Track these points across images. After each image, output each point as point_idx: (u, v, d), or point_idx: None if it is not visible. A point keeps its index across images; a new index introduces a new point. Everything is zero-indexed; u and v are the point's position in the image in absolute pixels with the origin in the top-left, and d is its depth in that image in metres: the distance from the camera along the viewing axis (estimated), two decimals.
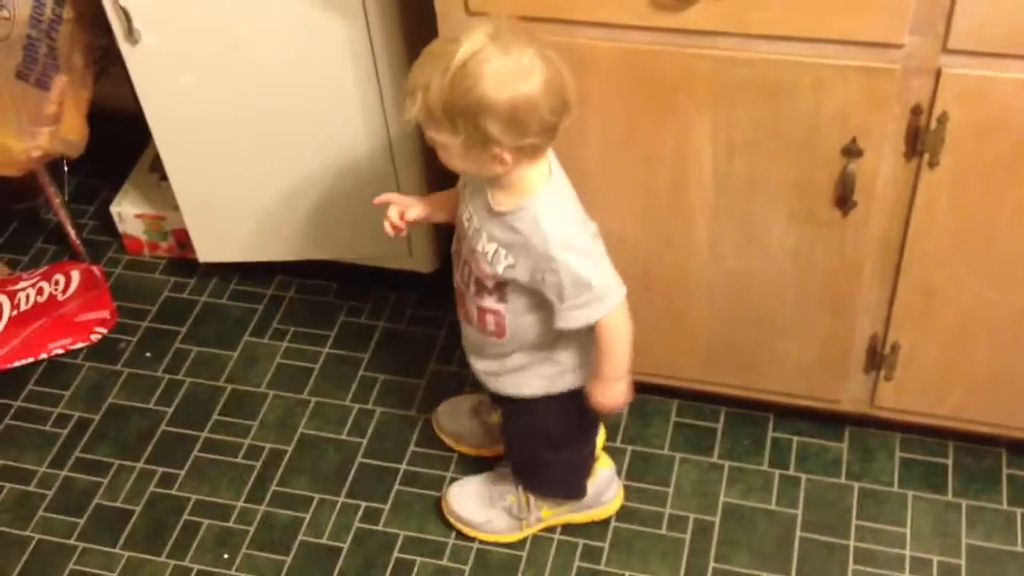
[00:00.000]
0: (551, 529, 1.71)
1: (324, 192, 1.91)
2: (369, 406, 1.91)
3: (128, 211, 2.15)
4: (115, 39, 1.75)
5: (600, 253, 1.38)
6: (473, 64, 1.20)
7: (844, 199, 1.45)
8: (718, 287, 1.63)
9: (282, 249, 2.01)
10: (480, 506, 1.70)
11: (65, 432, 1.91)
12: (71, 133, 1.92)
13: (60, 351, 2.01)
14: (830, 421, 1.79)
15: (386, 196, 1.51)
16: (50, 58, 1.85)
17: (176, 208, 2.03)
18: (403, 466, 1.81)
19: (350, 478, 1.80)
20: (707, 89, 1.41)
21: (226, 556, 1.72)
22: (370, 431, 1.87)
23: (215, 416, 1.91)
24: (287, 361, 1.99)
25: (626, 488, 1.75)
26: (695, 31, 1.36)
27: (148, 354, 2.02)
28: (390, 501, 1.77)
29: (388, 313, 2.06)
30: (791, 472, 1.76)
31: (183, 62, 1.75)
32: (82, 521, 1.78)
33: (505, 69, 1.21)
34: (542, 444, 1.59)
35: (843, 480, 1.74)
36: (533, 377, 1.50)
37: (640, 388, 1.83)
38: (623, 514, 1.72)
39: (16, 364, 1.98)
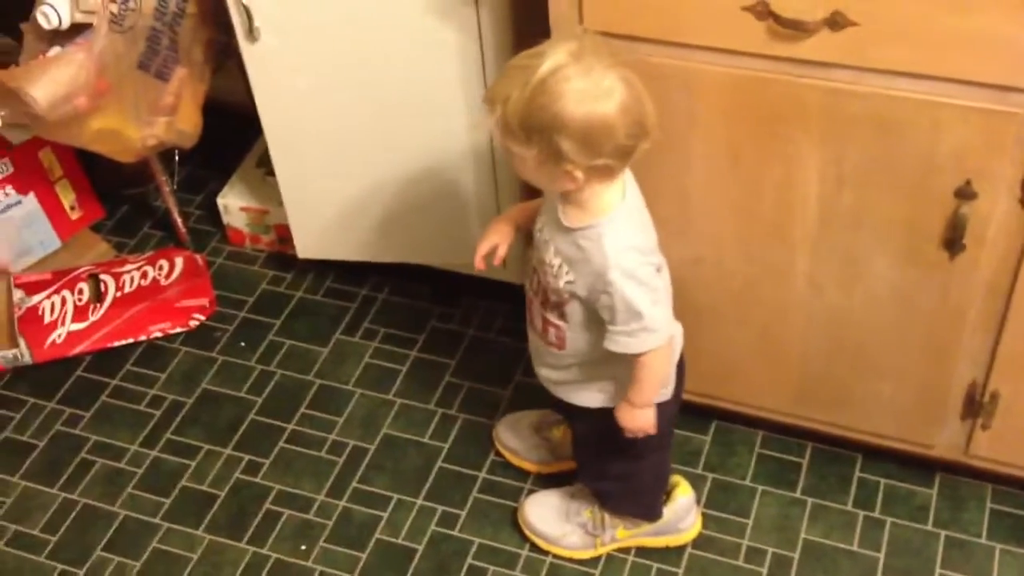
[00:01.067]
0: (625, 550, 1.70)
1: (424, 198, 1.93)
2: (453, 412, 1.92)
3: (233, 203, 2.20)
4: (234, 36, 1.80)
5: (660, 288, 1.38)
6: (553, 81, 1.22)
7: (953, 242, 1.41)
8: (815, 320, 1.60)
9: (379, 251, 2.04)
10: (556, 520, 1.70)
11: (158, 413, 1.96)
12: (186, 124, 1.98)
13: (159, 335, 2.07)
14: (920, 466, 1.75)
15: (485, 245, 1.53)
16: (171, 50, 1.91)
17: (280, 203, 2.07)
18: (482, 474, 1.82)
19: (429, 481, 1.82)
20: (819, 121, 1.39)
21: (304, 547, 1.75)
22: (452, 436, 1.88)
23: (302, 409, 1.95)
24: (375, 361, 2.02)
25: (704, 516, 1.73)
26: (811, 62, 1.35)
27: (243, 344, 2.06)
28: (467, 507, 1.78)
29: (478, 321, 2.07)
30: (876, 514, 1.72)
31: (299, 63, 1.79)
32: (168, 501, 1.83)
33: (585, 89, 1.22)
34: (607, 456, 1.58)
35: (930, 527, 1.70)
36: (592, 390, 1.51)
37: (726, 416, 1.83)
38: (700, 542, 1.71)
39: (116, 344, 2.05)
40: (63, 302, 2.07)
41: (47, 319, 2.04)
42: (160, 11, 1.86)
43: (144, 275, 2.13)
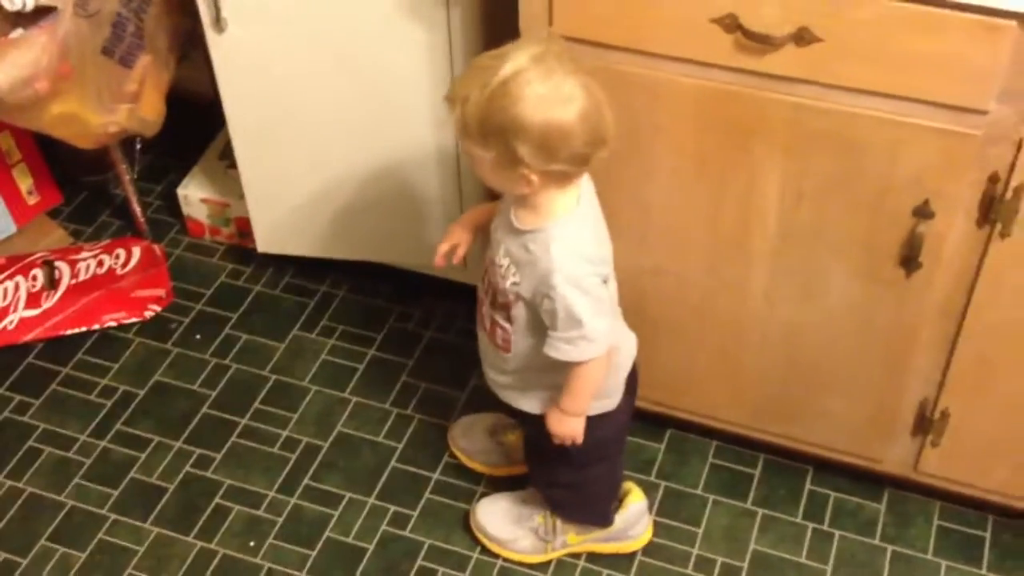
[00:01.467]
0: (576, 556, 1.71)
1: (387, 196, 1.92)
2: (408, 412, 1.92)
3: (194, 194, 2.18)
4: (200, 25, 1.78)
5: (604, 299, 1.37)
6: (513, 84, 1.22)
7: (910, 260, 1.43)
8: (770, 334, 1.62)
9: (340, 248, 2.03)
10: (507, 523, 1.70)
11: (109, 404, 1.93)
12: (148, 112, 1.95)
13: (113, 324, 2.04)
14: (870, 480, 1.77)
15: (446, 244, 1.54)
16: (136, 37, 1.88)
17: (241, 197, 2.06)
18: (435, 475, 1.82)
19: (382, 481, 1.81)
20: (782, 135, 1.41)
21: (252, 544, 1.73)
22: (406, 436, 1.88)
23: (256, 404, 1.93)
24: (332, 358, 2.01)
25: (656, 524, 1.74)
26: (777, 76, 1.36)
27: (198, 336, 2.04)
28: (419, 508, 1.77)
29: (437, 322, 2.07)
30: (825, 527, 1.73)
31: (266, 55, 1.78)
32: (116, 493, 1.80)
33: (544, 94, 1.22)
34: (557, 463, 1.58)
35: (877, 541, 1.72)
36: (535, 396, 1.51)
37: (680, 425, 1.84)
38: (650, 549, 1.71)
39: (69, 332, 2.02)
40: (16, 288, 2.03)
41: None
42: None
43: (100, 263, 2.10)
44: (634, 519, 1.69)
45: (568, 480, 1.61)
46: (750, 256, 1.54)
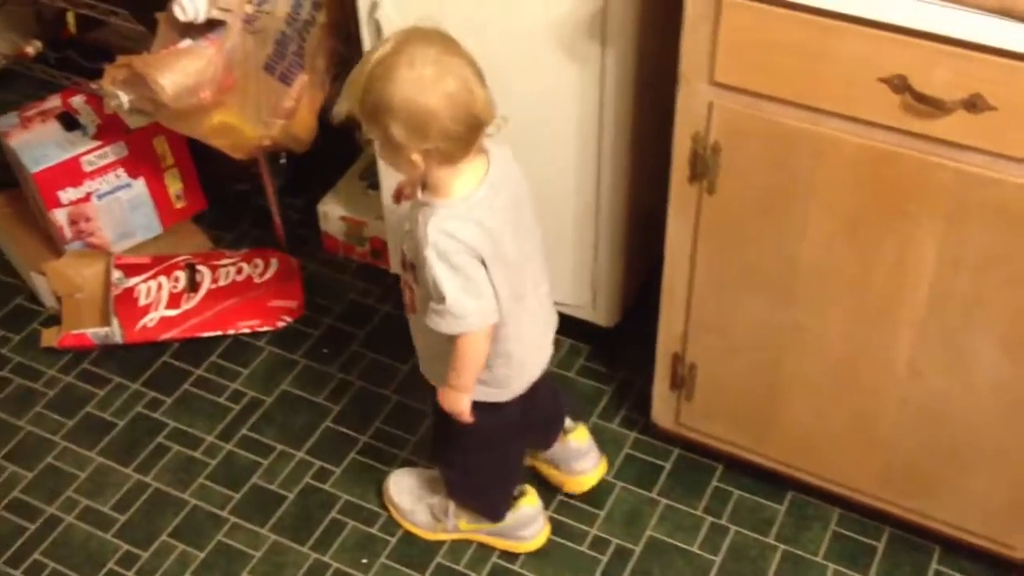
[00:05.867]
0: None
1: None
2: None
3: (333, 211, 2.23)
4: (353, 50, 1.82)
5: (474, 278, 1.39)
6: (380, 69, 1.31)
7: None
8: (910, 403, 1.57)
9: None
10: (410, 495, 1.77)
11: (237, 408, 1.98)
12: (301, 129, 2.01)
13: (247, 331, 2.09)
14: (1001, 567, 1.69)
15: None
16: (297, 56, 1.94)
17: (378, 217, 2.09)
18: (550, 513, 1.81)
19: None
20: (944, 202, 1.37)
21: (364, 561, 1.75)
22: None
23: (377, 423, 1.95)
24: None
25: None
26: (944, 141, 1.33)
27: (325, 350, 2.08)
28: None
29: (559, 358, 2.06)
30: None
31: None
32: (237, 496, 1.84)
33: (409, 77, 1.30)
34: (446, 441, 1.64)
35: None
36: (434, 368, 1.55)
37: (803, 488, 1.79)
38: None
39: (205, 334, 2.08)
40: (159, 287, 2.11)
41: (142, 302, 2.08)
42: (292, 17, 1.90)
43: (239, 271, 2.16)
44: (525, 520, 1.73)
45: (456, 461, 1.67)
46: (897, 322, 1.50)
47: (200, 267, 2.15)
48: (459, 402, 1.51)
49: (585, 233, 1.89)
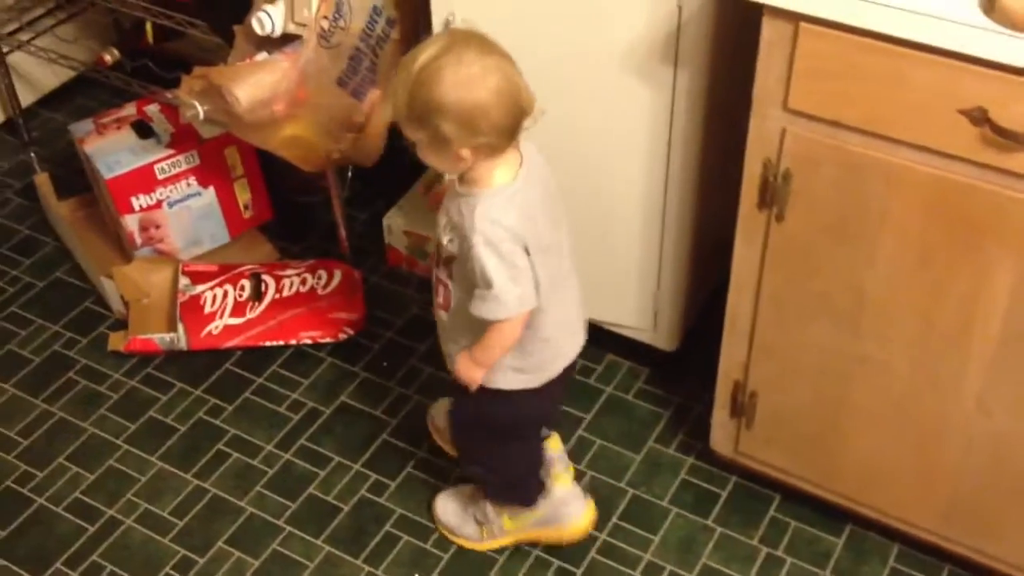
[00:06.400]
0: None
1: (588, 250, 1.91)
2: (581, 466, 1.91)
3: (397, 225, 2.25)
4: None
5: (519, 266, 1.44)
6: (427, 71, 1.35)
7: None
8: (977, 440, 1.54)
9: None
10: (456, 511, 1.80)
11: (296, 418, 2.00)
12: (370, 144, 2.03)
13: (308, 342, 2.11)
14: None
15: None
16: (370, 72, 1.96)
17: None
18: (604, 536, 1.80)
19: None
20: (1020, 237, 1.34)
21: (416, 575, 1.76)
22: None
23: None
24: None
25: None
26: (1023, 176, 1.30)
27: (385, 364, 2.09)
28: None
29: (618, 380, 2.05)
30: None
31: None
32: (293, 506, 1.86)
33: (456, 76, 1.34)
34: (477, 443, 1.69)
35: None
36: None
37: (862, 522, 1.76)
38: None
39: (267, 344, 2.10)
40: (224, 295, 2.14)
41: (207, 309, 2.12)
42: (367, 33, 1.93)
43: (303, 282, 2.18)
44: (563, 501, 1.75)
45: (485, 459, 1.71)
46: (967, 356, 1.47)
47: (265, 277, 2.18)
48: (476, 373, 1.56)
49: (649, 256, 1.88)
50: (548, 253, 1.48)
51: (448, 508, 1.81)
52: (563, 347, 1.60)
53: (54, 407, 2.03)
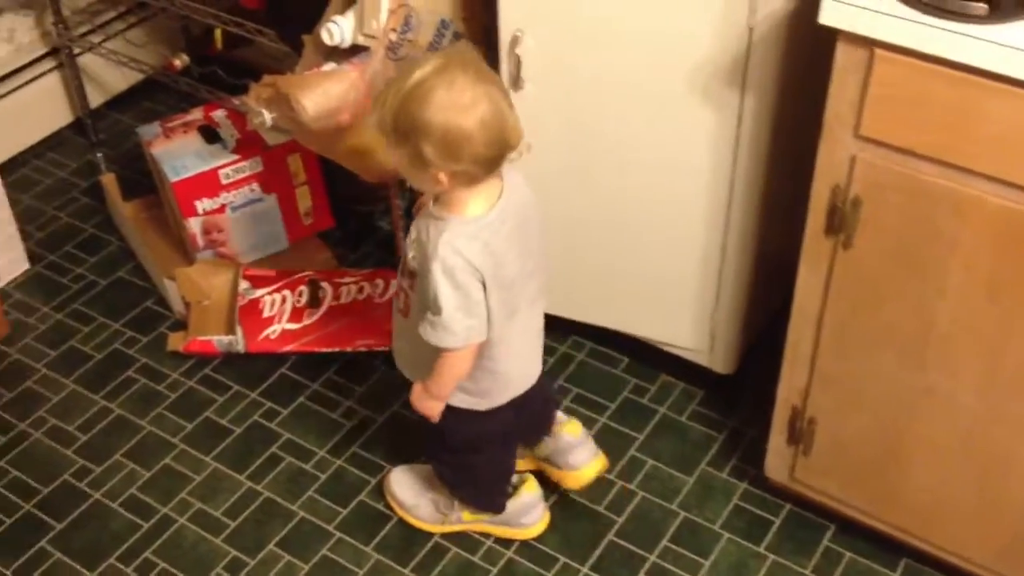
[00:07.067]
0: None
1: (646, 269, 1.93)
2: (632, 486, 1.90)
3: None
4: None
5: (473, 298, 1.45)
6: (419, 90, 1.36)
7: None
8: None
9: (590, 312, 2.05)
10: (412, 489, 1.81)
11: (349, 425, 2.01)
12: None
13: (364, 349, 2.12)
14: None
15: None
16: None
17: None
18: (653, 557, 1.79)
19: (598, 550, 1.80)
20: None
21: None
22: (626, 512, 1.85)
23: None
24: None
25: None
26: None
27: None
28: None
29: (671, 401, 2.04)
30: None
31: (555, 116, 1.83)
32: (344, 512, 1.87)
33: (446, 100, 1.35)
34: (439, 441, 1.69)
35: None
36: (418, 371, 1.60)
37: (918, 556, 1.74)
38: None
39: (323, 350, 2.12)
40: (283, 300, 2.16)
41: (266, 313, 2.14)
42: (433, 46, 1.93)
43: (360, 290, 2.20)
44: (527, 507, 1.77)
45: (449, 461, 1.73)
46: None
47: (323, 283, 2.19)
48: (432, 407, 1.59)
49: (708, 278, 1.87)
50: (511, 288, 1.49)
51: (403, 484, 1.83)
52: (512, 377, 1.62)
53: (113, 404, 2.06)
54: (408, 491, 1.83)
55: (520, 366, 1.63)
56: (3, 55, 2.52)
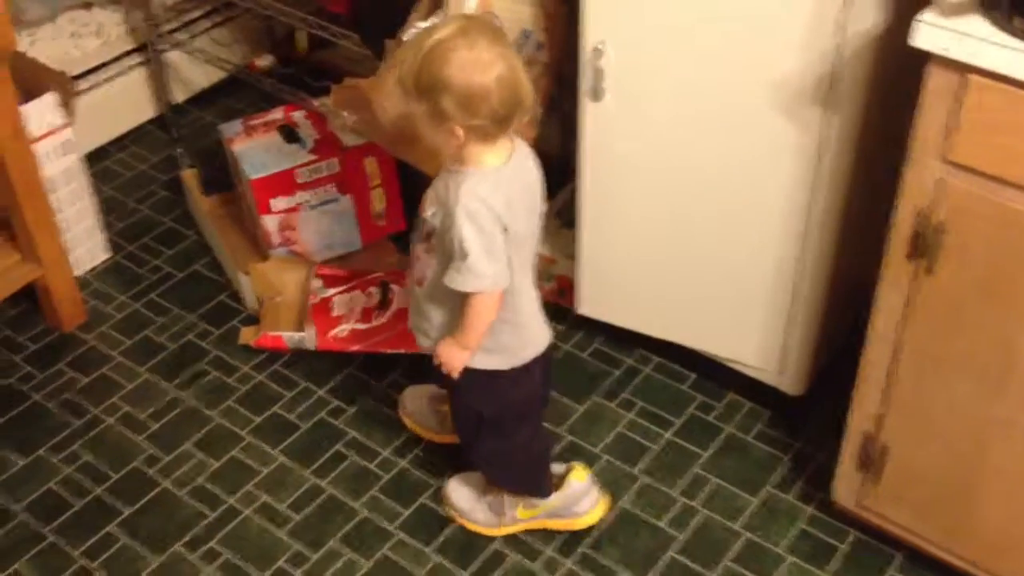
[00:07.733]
0: None
1: (716, 288, 1.91)
2: (695, 504, 1.88)
3: None
4: (569, 91, 1.85)
5: (496, 242, 1.50)
6: (440, 50, 1.42)
7: None
8: None
9: (657, 325, 2.04)
10: (469, 495, 1.85)
11: None
12: None
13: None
14: None
15: None
16: None
17: (568, 256, 2.11)
18: (716, 574, 1.78)
19: (658, 565, 1.79)
20: None
21: None
22: (689, 529, 1.84)
23: None
24: (627, 432, 2.01)
25: None
26: None
27: None
28: None
29: (738, 420, 2.03)
30: None
31: (634, 129, 1.83)
32: (406, 513, 1.88)
33: (467, 59, 1.42)
34: (474, 423, 1.71)
35: None
36: (433, 338, 1.65)
37: (948, 571, 1.69)
38: None
39: (390, 351, 2.13)
40: (353, 300, 2.18)
41: (335, 312, 2.16)
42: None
43: None
44: (576, 495, 1.80)
45: (488, 452, 1.75)
46: None
47: (393, 285, 2.21)
48: (458, 357, 1.62)
49: (781, 297, 1.86)
50: (522, 244, 1.56)
51: (461, 492, 1.86)
52: (533, 336, 1.67)
53: (184, 394, 2.10)
54: (464, 498, 1.86)
55: (538, 321, 1.68)
56: (92, 49, 2.59)
